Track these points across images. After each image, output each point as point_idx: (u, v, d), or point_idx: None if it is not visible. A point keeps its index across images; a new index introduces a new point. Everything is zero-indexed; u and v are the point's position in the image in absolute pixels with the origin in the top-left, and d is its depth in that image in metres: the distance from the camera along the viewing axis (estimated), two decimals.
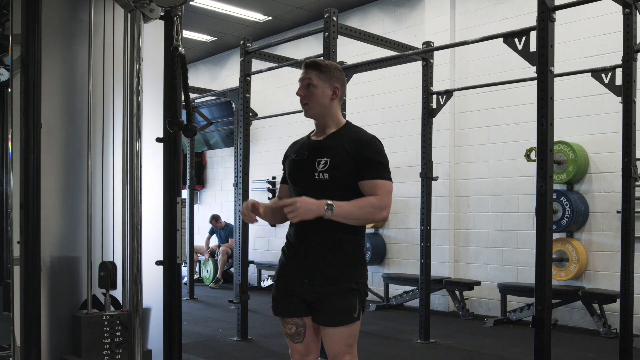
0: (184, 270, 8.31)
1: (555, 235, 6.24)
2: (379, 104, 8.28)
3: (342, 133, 2.51)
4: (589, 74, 5.01)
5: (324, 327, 2.44)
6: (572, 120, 6.38)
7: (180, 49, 2.92)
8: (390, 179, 2.44)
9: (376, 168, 2.41)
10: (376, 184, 2.40)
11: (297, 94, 2.54)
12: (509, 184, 6.98)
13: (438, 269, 7.30)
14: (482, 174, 7.22)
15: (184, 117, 3.04)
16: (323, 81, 2.51)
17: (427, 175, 5.63)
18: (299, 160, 2.53)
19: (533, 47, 3.90)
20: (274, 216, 2.56)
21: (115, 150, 3.27)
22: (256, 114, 7.95)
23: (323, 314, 2.43)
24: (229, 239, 9.79)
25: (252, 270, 9.40)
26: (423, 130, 5.70)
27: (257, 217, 2.47)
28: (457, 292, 6.99)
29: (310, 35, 5.62)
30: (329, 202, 2.32)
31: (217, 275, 9.67)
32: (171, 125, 2.95)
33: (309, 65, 2.54)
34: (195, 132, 3.05)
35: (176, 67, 2.93)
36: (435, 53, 6.06)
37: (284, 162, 2.66)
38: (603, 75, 4.86)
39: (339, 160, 2.42)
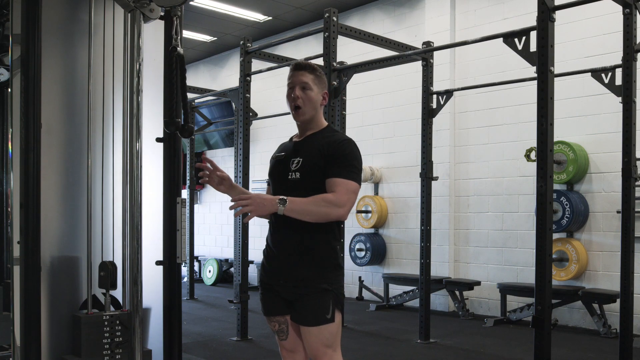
0: (184, 270, 8.31)
1: (555, 235, 6.24)
2: (379, 104, 8.28)
3: (319, 135, 2.51)
4: (589, 74, 5.01)
5: (301, 326, 2.49)
6: (572, 120, 6.38)
7: (178, 49, 2.92)
8: (355, 180, 2.39)
9: (342, 167, 2.37)
10: (337, 182, 2.36)
11: (294, 95, 2.47)
12: (509, 184, 6.98)
13: (438, 269, 7.31)
14: (482, 174, 7.22)
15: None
16: (317, 86, 2.50)
17: (427, 175, 5.63)
18: (278, 160, 2.57)
19: (533, 47, 3.90)
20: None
21: (115, 150, 3.27)
22: (256, 114, 7.95)
23: (298, 314, 2.48)
24: None
25: (252, 270, 9.39)
26: (423, 130, 5.70)
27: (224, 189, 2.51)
28: (457, 292, 6.99)
29: (310, 35, 5.62)
30: (283, 197, 2.31)
31: None
32: (168, 125, 2.96)
33: (305, 67, 2.48)
34: (192, 132, 3.05)
35: (174, 67, 2.92)
36: (435, 53, 6.06)
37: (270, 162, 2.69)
38: (603, 75, 4.86)
39: (310, 160, 2.43)
